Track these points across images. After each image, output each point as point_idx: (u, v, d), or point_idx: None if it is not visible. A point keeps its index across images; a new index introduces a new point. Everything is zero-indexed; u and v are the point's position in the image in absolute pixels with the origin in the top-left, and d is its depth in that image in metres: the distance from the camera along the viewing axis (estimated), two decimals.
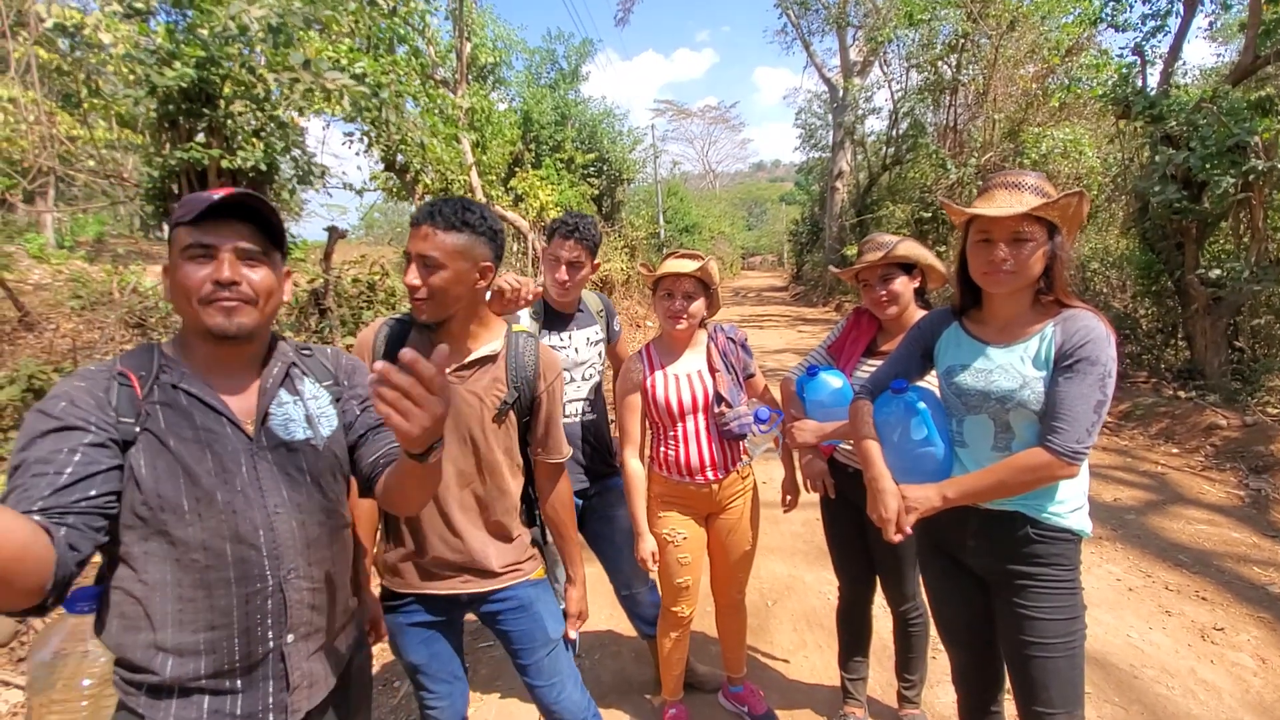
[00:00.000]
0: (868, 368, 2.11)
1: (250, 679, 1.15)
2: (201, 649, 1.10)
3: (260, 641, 1.15)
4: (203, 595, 1.10)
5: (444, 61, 10.35)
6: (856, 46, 20.70)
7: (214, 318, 1.12)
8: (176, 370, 1.15)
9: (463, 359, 1.61)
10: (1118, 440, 5.93)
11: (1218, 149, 6.11)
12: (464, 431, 1.64)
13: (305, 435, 1.23)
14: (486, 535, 1.71)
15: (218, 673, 1.12)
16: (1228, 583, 3.40)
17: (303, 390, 1.27)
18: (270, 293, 1.18)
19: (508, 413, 1.65)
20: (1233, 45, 13.80)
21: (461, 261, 1.50)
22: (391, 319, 1.70)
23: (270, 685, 1.17)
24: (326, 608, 1.26)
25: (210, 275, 1.11)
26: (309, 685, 1.22)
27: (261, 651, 1.15)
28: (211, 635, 1.11)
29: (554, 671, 1.77)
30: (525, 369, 1.67)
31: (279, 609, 1.17)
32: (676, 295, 2.08)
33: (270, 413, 1.20)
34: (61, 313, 4.70)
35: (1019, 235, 1.44)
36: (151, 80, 3.93)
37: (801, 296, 22.51)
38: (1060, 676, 1.49)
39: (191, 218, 1.09)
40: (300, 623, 1.20)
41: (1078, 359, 1.42)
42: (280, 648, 1.17)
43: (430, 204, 1.53)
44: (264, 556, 1.15)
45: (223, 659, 1.12)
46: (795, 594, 3.48)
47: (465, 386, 1.62)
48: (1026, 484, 1.46)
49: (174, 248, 1.13)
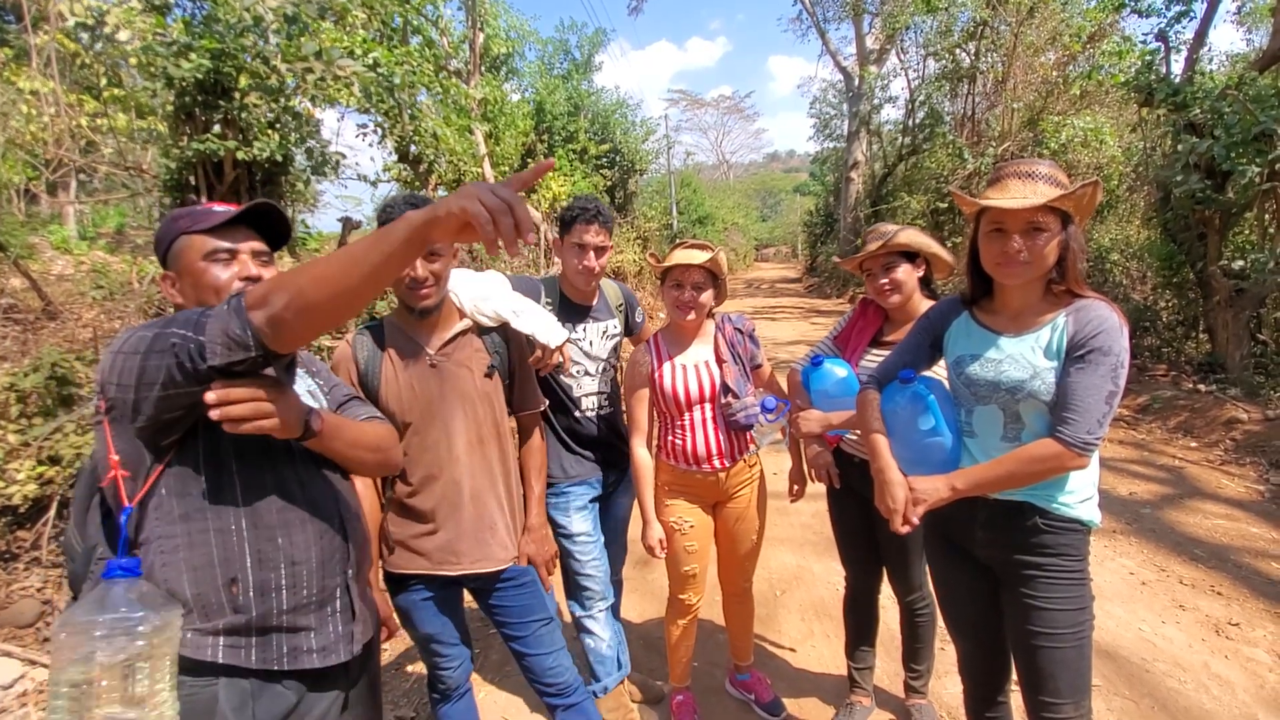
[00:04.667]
0: (873, 358, 2.11)
1: (321, 614, 1.24)
2: (284, 584, 1.18)
3: (333, 574, 1.26)
4: (282, 532, 1.19)
5: (457, 52, 10.34)
6: (873, 34, 20.40)
7: None
8: None
9: (446, 337, 1.76)
10: (1135, 433, 5.85)
11: (1243, 137, 5.97)
12: (464, 400, 1.75)
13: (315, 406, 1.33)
14: (497, 514, 1.79)
15: (296, 607, 1.20)
16: (1245, 578, 3.35)
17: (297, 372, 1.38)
18: None
19: (494, 373, 1.81)
20: (1261, 30, 13.45)
21: (449, 247, 1.67)
22: (361, 328, 1.79)
23: (339, 618, 1.27)
24: (368, 550, 1.43)
25: (238, 274, 1.22)
26: (365, 620, 1.33)
27: (332, 585, 1.26)
28: (292, 570, 1.19)
29: (551, 643, 1.87)
30: (496, 336, 1.85)
31: (344, 545, 1.29)
32: (686, 286, 2.08)
33: None
34: (84, 302, 4.79)
35: (1034, 226, 1.43)
36: (168, 72, 3.97)
37: (815, 288, 22.34)
38: (1068, 667, 1.49)
39: (209, 226, 1.21)
40: (357, 560, 1.33)
41: (1090, 349, 1.41)
42: (346, 581, 1.29)
43: (407, 200, 1.65)
44: (330, 497, 1.28)
45: (301, 592, 1.20)
46: (803, 584, 3.49)
47: (453, 360, 1.75)
48: (1036, 475, 1.45)
49: (190, 254, 1.22)
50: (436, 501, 1.72)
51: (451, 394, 1.73)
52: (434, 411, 1.72)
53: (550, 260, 10.45)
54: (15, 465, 3.11)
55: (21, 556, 3.28)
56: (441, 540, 1.73)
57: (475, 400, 1.76)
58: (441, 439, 1.72)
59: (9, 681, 2.73)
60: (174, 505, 1.13)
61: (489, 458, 1.79)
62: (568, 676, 1.89)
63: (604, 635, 2.29)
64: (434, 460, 1.72)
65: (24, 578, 3.23)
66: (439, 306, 1.72)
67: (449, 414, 1.73)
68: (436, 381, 1.72)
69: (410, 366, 1.72)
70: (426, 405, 1.71)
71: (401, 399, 1.70)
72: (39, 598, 3.16)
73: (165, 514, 1.13)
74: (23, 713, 2.63)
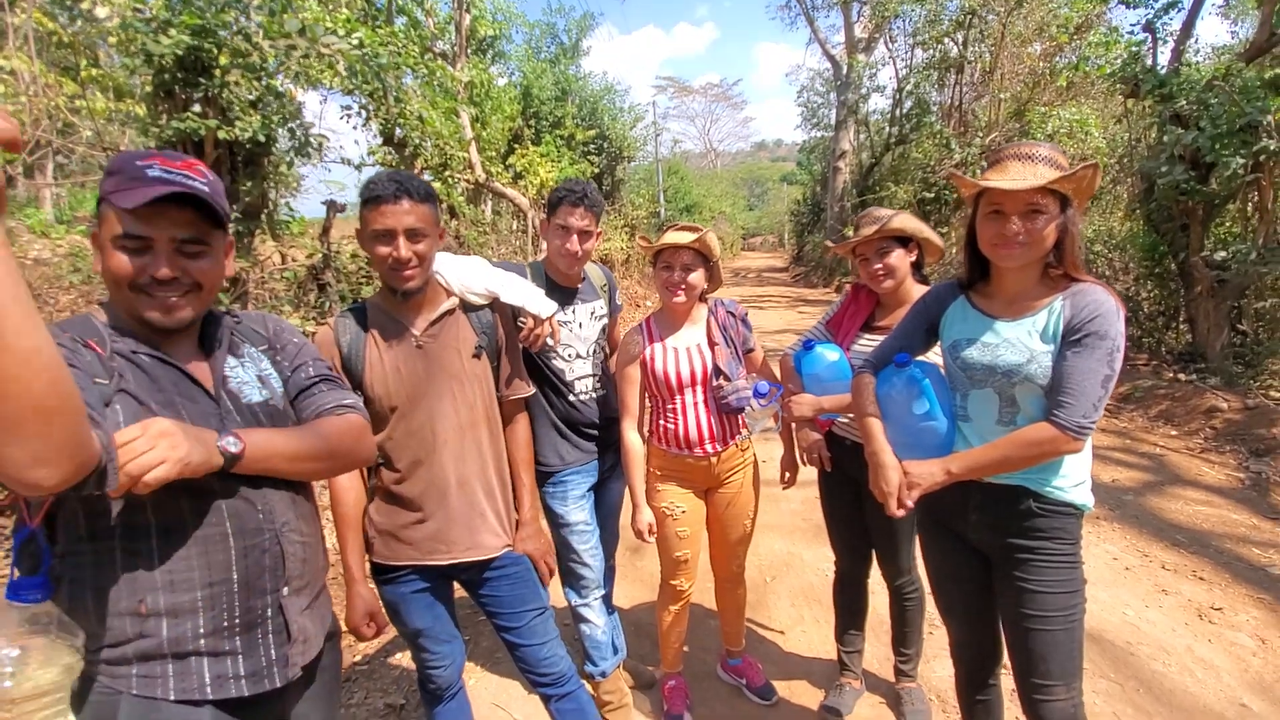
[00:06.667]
0: (865, 342, 2.11)
1: (249, 637, 1.14)
2: (200, 606, 1.08)
3: (260, 594, 1.15)
4: (198, 552, 1.08)
5: (443, 34, 10.17)
6: (861, 22, 20.33)
7: (151, 311, 1.09)
8: (125, 339, 1.10)
9: (432, 318, 1.72)
10: (1116, 422, 5.93)
11: (1228, 129, 6.02)
12: (451, 381, 1.71)
13: (263, 396, 1.22)
14: (486, 501, 1.75)
15: (216, 630, 1.10)
16: (1226, 563, 3.42)
17: (245, 354, 1.25)
18: (214, 279, 1.15)
19: (482, 353, 1.77)
20: (1247, 22, 13.58)
21: (435, 228, 1.63)
22: (343, 311, 1.75)
23: (271, 640, 1.17)
24: (313, 563, 1.27)
25: (146, 269, 1.05)
26: (304, 640, 1.23)
27: (260, 606, 1.15)
28: (210, 592, 1.09)
29: (545, 632, 1.84)
30: (484, 316, 1.82)
31: (276, 561, 1.17)
32: (675, 267, 2.07)
33: (226, 376, 1.19)
34: (61, 286, 4.66)
35: (1033, 208, 1.42)
36: (147, 49, 3.86)
37: (802, 277, 22.40)
38: (1060, 649, 1.50)
39: (129, 206, 1.01)
40: (294, 575, 1.21)
41: (1086, 333, 1.40)
42: (279, 600, 1.18)
43: (391, 178, 1.57)
44: (258, 511, 1.15)
45: (221, 615, 1.10)
46: (793, 571, 3.50)
47: (439, 341, 1.72)
48: (1031, 458, 1.45)
49: (105, 227, 1.05)
50: (424, 488, 1.69)
51: (439, 375, 1.70)
52: (420, 394, 1.68)
53: (537, 247, 10.37)
54: None
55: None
56: (431, 529, 1.70)
57: (464, 381, 1.73)
58: (427, 423, 1.68)
59: None
60: (81, 523, 1.03)
61: (479, 441, 1.75)
62: (562, 666, 1.87)
63: (600, 622, 2.29)
64: (420, 445, 1.68)
65: None
66: (424, 288, 1.67)
67: (436, 396, 1.69)
68: (423, 363, 1.69)
69: (395, 348, 1.67)
70: (413, 388, 1.67)
71: (387, 382, 1.66)
72: None
73: (72, 532, 1.04)
74: None
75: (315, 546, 1.29)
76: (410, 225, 1.55)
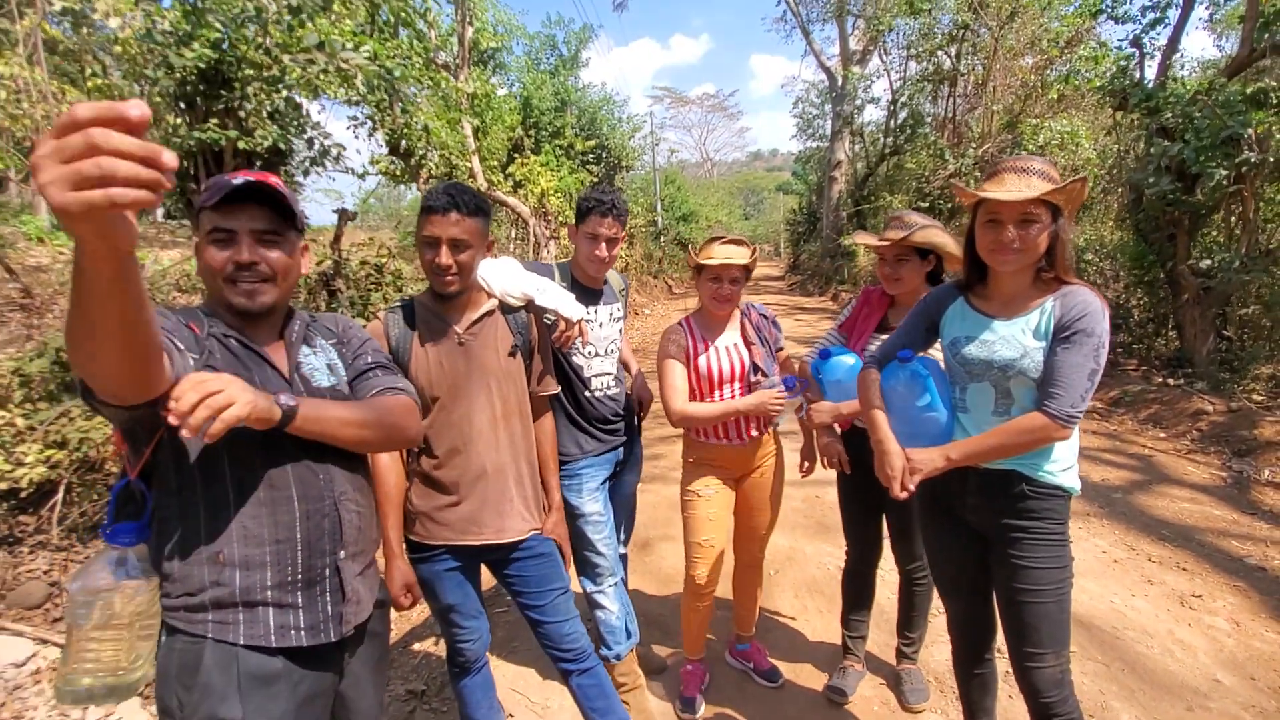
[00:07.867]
0: (880, 343, 2.24)
1: (310, 594, 1.27)
2: (268, 560, 1.22)
3: (320, 555, 1.28)
4: (267, 511, 1.22)
5: (445, 46, 10.34)
6: (856, 35, 20.67)
7: (237, 297, 1.25)
8: (217, 325, 1.27)
9: (474, 318, 1.84)
10: (1107, 425, 6.09)
11: (1212, 141, 6.21)
12: (489, 377, 1.84)
13: (330, 382, 1.38)
14: (515, 489, 1.88)
15: (281, 584, 1.23)
16: (1207, 555, 3.57)
17: (318, 345, 1.42)
18: (288, 269, 1.31)
19: (517, 352, 1.90)
20: (1232, 36, 13.88)
21: (480, 240, 1.74)
22: (393, 306, 1.88)
23: (328, 598, 1.30)
24: (367, 533, 1.41)
25: (231, 257, 1.23)
26: (357, 601, 1.36)
27: (320, 565, 1.28)
28: (276, 548, 1.23)
29: (567, 610, 1.96)
30: (520, 318, 1.95)
31: (334, 526, 1.30)
32: (724, 280, 2.23)
33: (300, 362, 1.35)
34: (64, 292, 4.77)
35: (1027, 217, 1.56)
36: (170, 61, 3.99)
37: (798, 286, 22.58)
38: (1050, 619, 1.63)
39: (213, 203, 1.19)
40: (350, 541, 1.34)
41: (1074, 330, 1.54)
42: (336, 562, 1.31)
43: (446, 191, 1.71)
44: (319, 479, 1.29)
45: (286, 570, 1.23)
46: (796, 564, 3.63)
47: (479, 339, 1.84)
48: (1024, 445, 1.59)
49: (200, 231, 1.25)
50: (460, 474, 1.81)
51: (477, 371, 1.83)
52: (460, 388, 1.81)
53: (538, 254, 10.51)
54: (23, 448, 3.14)
55: (26, 540, 3.30)
56: (465, 511, 1.82)
57: (500, 378, 1.85)
58: (466, 415, 1.81)
59: (22, 660, 2.77)
60: (171, 477, 1.18)
61: (511, 433, 1.88)
62: (583, 643, 1.98)
63: (614, 608, 2.41)
64: (459, 435, 1.81)
65: (30, 561, 3.25)
66: (464, 292, 1.81)
67: (474, 390, 1.82)
68: (464, 359, 1.82)
69: (439, 343, 1.81)
70: (454, 381, 1.80)
71: (430, 375, 1.79)
72: (45, 579, 3.19)
73: (165, 484, 1.19)
74: (37, 689, 2.67)
75: (369, 517, 1.43)
76: (454, 236, 1.69)
